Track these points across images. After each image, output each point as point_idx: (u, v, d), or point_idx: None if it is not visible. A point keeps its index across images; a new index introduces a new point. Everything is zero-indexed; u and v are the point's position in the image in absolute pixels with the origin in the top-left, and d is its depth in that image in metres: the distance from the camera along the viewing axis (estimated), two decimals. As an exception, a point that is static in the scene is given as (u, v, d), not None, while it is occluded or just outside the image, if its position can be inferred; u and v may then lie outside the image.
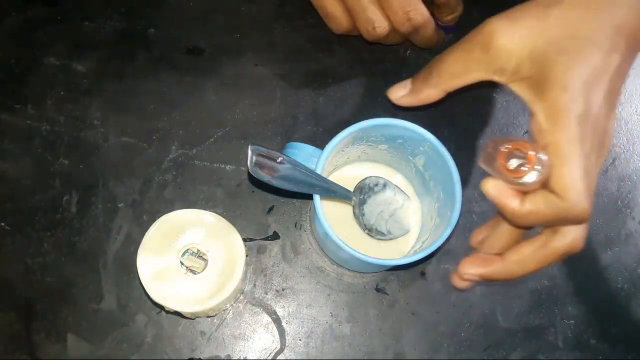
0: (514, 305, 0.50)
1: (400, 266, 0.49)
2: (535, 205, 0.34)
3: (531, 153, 0.33)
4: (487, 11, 0.37)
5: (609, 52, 0.33)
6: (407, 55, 0.56)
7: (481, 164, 0.36)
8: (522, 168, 0.33)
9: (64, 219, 0.50)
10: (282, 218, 0.51)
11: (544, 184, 0.34)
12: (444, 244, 0.41)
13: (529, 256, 0.36)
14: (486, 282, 0.38)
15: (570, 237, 0.35)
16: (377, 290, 0.50)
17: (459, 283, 0.39)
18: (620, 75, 0.34)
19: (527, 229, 0.38)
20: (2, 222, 0.50)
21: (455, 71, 0.38)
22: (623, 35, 0.34)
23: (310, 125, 0.53)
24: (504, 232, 0.38)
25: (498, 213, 0.37)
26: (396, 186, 0.48)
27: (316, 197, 0.42)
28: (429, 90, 0.40)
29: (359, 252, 0.41)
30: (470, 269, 0.38)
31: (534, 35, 0.34)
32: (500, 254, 0.38)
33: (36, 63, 0.54)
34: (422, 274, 0.50)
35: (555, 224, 0.35)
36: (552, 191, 0.33)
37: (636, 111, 0.56)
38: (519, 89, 0.36)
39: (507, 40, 0.35)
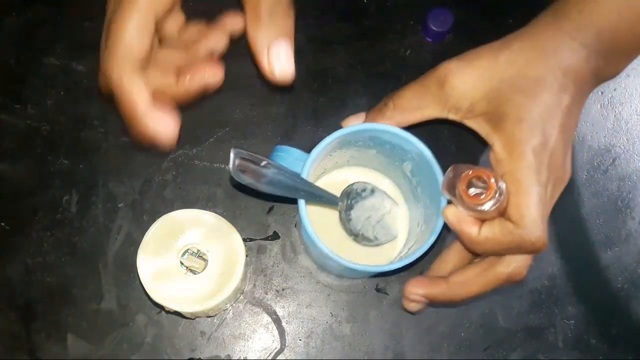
0: (514, 305, 0.50)
1: (387, 272, 0.49)
2: (491, 232, 0.35)
3: (492, 181, 0.34)
4: (477, 16, 0.37)
5: (559, 92, 0.35)
6: (407, 55, 0.56)
7: (442, 190, 0.37)
8: (482, 196, 0.35)
9: (64, 219, 0.50)
10: (282, 218, 0.51)
11: (501, 213, 0.35)
12: (429, 250, 0.40)
13: (471, 279, 0.38)
14: (432, 303, 0.40)
15: (513, 265, 0.37)
16: (377, 290, 0.50)
17: (407, 305, 0.40)
18: (571, 115, 0.36)
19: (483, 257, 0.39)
20: (2, 222, 0.50)
21: (411, 106, 0.39)
22: (571, 77, 0.36)
23: (310, 125, 0.53)
24: (453, 255, 0.40)
25: (458, 240, 0.39)
26: (384, 192, 0.47)
27: (301, 203, 0.41)
28: (383, 122, 0.41)
29: (343, 259, 0.40)
30: (415, 289, 0.39)
31: (486, 75, 0.36)
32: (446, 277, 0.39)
33: (36, 63, 0.54)
34: (422, 274, 0.50)
35: (512, 251, 0.36)
36: (508, 219, 0.35)
37: (636, 111, 0.56)
38: (475, 125, 0.38)
39: (461, 80, 0.37)
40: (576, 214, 0.52)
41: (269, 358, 0.48)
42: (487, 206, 0.35)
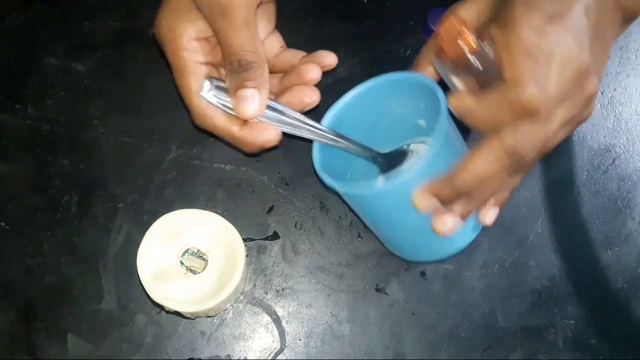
0: (514, 305, 0.50)
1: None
2: (489, 99, 0.35)
3: (468, 33, 0.35)
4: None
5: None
6: (407, 55, 0.56)
7: (435, 62, 0.39)
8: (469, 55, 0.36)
9: (64, 219, 0.50)
10: (282, 218, 0.51)
11: (496, 77, 0.35)
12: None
13: (466, 157, 0.37)
14: (444, 199, 0.39)
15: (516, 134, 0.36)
16: (377, 290, 0.50)
17: (436, 223, 0.40)
18: (597, 35, 0.35)
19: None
20: (2, 222, 0.50)
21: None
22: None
23: (310, 125, 0.53)
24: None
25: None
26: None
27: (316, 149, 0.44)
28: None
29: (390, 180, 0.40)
30: (422, 190, 0.39)
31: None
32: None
33: (36, 63, 0.54)
34: (422, 273, 0.50)
35: (515, 116, 0.35)
36: (505, 82, 0.35)
37: (636, 111, 0.56)
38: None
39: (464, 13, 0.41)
40: (576, 214, 0.52)
41: (269, 358, 0.48)
42: (472, 56, 0.35)
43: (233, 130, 0.40)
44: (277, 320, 0.49)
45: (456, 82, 0.38)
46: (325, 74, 0.55)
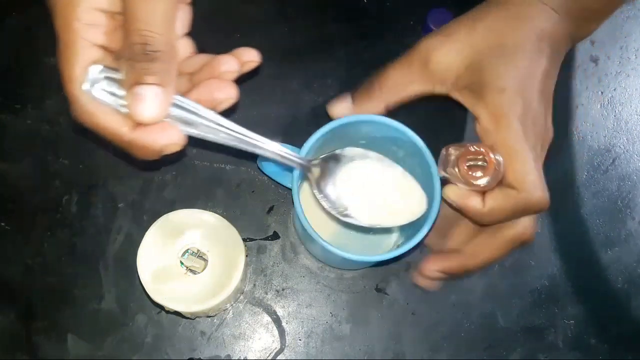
0: (514, 305, 0.50)
1: (385, 262, 0.48)
2: (496, 201, 0.36)
3: (491, 156, 0.35)
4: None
5: (536, 57, 0.37)
6: (407, 55, 0.56)
7: (439, 170, 0.38)
8: (477, 172, 0.36)
9: (64, 219, 0.50)
10: (282, 218, 0.51)
11: (499, 182, 0.36)
12: (424, 237, 0.40)
13: (481, 244, 0.39)
14: (450, 277, 0.40)
15: (520, 226, 0.37)
16: (377, 290, 0.50)
17: (423, 282, 0.41)
18: (549, 77, 0.37)
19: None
20: (2, 222, 0.50)
21: (397, 84, 0.40)
22: (546, 41, 0.37)
23: (311, 125, 0.53)
24: (462, 229, 0.40)
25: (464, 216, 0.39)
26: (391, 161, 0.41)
27: (295, 186, 0.40)
28: (371, 104, 0.41)
29: (338, 248, 0.39)
30: (433, 266, 0.39)
31: (466, 47, 0.38)
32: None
33: (36, 63, 0.54)
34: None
35: (518, 215, 0.37)
36: (509, 186, 0.35)
37: (636, 111, 0.56)
38: (460, 97, 0.38)
39: (443, 55, 0.38)
40: (576, 214, 0.52)
41: (269, 358, 0.48)
42: (485, 180, 0.35)
43: (122, 133, 0.31)
44: (277, 320, 0.49)
45: (451, 175, 0.37)
46: (324, 74, 0.55)
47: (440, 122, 0.53)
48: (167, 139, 0.32)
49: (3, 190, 0.51)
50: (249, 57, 0.37)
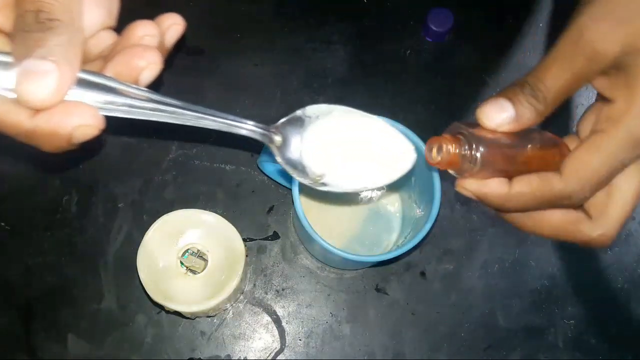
0: (514, 305, 0.50)
1: (384, 262, 0.49)
2: (526, 183, 0.31)
3: (446, 147, 0.31)
4: (477, 16, 0.37)
5: None
6: (407, 55, 0.56)
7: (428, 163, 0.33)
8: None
9: (64, 219, 0.50)
10: (282, 218, 0.51)
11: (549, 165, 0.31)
12: (425, 236, 0.40)
13: (544, 220, 0.33)
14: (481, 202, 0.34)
15: (601, 231, 0.33)
16: (377, 290, 0.50)
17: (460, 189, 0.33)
18: None
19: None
20: (2, 222, 0.50)
21: (567, 87, 0.31)
22: None
23: (310, 125, 0.53)
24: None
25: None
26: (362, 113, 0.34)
27: (295, 186, 0.39)
28: (538, 113, 0.31)
29: (338, 249, 0.40)
30: (469, 185, 0.32)
31: (625, 25, 0.29)
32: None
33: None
34: (422, 274, 0.50)
35: (543, 206, 0.32)
36: (559, 169, 0.31)
37: (636, 111, 0.56)
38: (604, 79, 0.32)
39: (606, 40, 0.29)
40: (576, 214, 0.52)
41: (269, 358, 0.48)
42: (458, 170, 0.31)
43: (20, 121, 0.25)
44: (277, 320, 0.49)
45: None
46: (324, 74, 0.55)
47: (440, 122, 0.53)
48: (77, 119, 0.25)
49: (3, 190, 0.51)
50: (172, 21, 0.31)
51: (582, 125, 0.34)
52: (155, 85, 0.29)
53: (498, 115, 0.31)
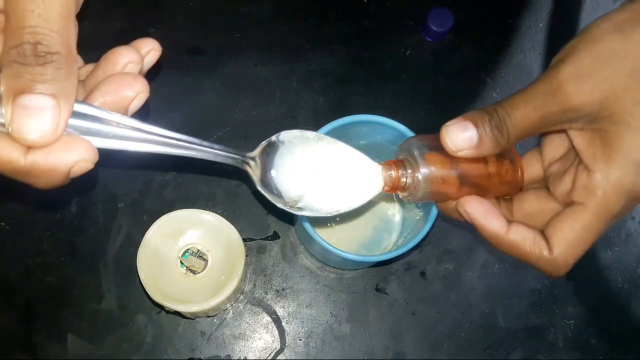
0: (514, 305, 0.50)
1: (384, 262, 0.49)
2: (521, 238, 0.32)
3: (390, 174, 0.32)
4: (477, 16, 0.37)
5: None
6: (407, 55, 0.56)
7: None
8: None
9: (64, 219, 0.50)
10: (282, 218, 0.51)
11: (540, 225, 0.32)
12: (425, 237, 0.40)
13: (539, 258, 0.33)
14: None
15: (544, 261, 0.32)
16: (377, 290, 0.50)
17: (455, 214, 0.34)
18: None
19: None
20: (2, 222, 0.50)
21: (533, 128, 0.31)
22: None
23: (310, 126, 0.53)
24: (531, 197, 0.35)
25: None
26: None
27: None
28: (498, 145, 0.31)
29: (337, 249, 0.40)
30: (470, 208, 0.33)
31: (605, 85, 0.29)
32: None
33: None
34: (422, 273, 0.50)
35: (522, 260, 0.33)
36: (545, 238, 0.32)
37: (636, 111, 0.56)
38: (582, 138, 0.31)
39: (583, 97, 0.29)
40: (576, 214, 0.52)
41: (269, 358, 0.48)
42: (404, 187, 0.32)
43: (14, 158, 0.25)
44: (277, 320, 0.49)
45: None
46: (324, 74, 0.55)
47: (440, 122, 0.53)
48: (76, 155, 0.25)
49: (3, 190, 0.51)
50: (149, 46, 0.30)
51: (552, 167, 0.34)
52: (151, 89, 0.29)
53: (460, 134, 0.31)
